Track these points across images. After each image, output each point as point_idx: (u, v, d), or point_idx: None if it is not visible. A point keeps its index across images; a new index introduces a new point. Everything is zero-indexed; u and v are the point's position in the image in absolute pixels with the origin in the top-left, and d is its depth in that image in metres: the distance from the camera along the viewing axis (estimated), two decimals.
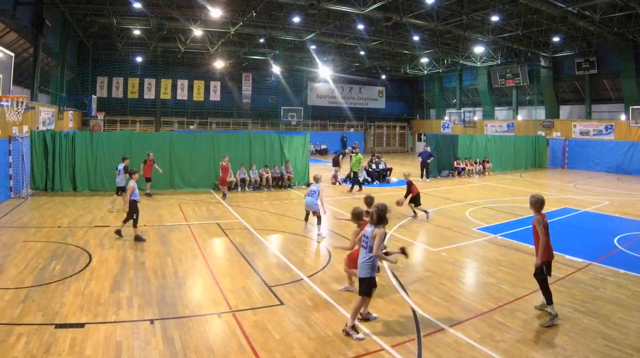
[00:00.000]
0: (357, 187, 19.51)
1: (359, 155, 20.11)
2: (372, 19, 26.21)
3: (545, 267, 6.68)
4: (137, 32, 29.38)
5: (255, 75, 41.80)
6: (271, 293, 7.62)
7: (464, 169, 25.49)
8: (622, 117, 29.81)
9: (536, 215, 6.81)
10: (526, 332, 6.34)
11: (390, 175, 23.28)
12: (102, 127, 34.25)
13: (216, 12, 22.32)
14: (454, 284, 8.30)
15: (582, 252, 10.19)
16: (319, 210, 11.48)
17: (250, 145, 19.72)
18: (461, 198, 17.96)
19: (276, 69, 39.18)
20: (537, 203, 6.88)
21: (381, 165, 23.46)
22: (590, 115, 32.48)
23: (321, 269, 8.93)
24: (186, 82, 38.88)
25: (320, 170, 21.49)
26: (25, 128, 16.91)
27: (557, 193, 20.07)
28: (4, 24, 17.10)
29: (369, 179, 22.19)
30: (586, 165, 30.78)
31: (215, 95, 40.26)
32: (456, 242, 11.21)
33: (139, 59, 36.56)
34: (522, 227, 12.30)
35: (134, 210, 10.59)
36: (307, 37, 29.02)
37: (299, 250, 10.37)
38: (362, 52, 35.65)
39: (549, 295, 6.71)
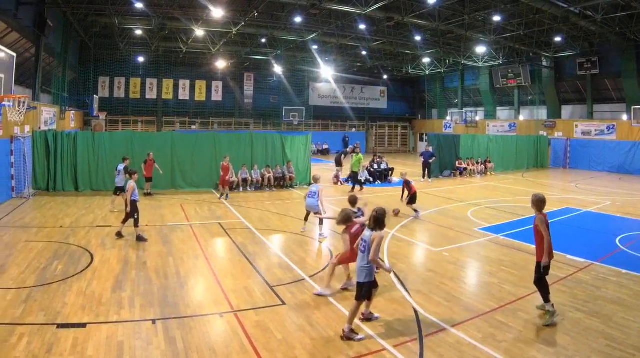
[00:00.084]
0: (358, 187, 19.50)
1: (359, 155, 20.10)
2: (374, 19, 26.18)
3: (543, 266, 6.73)
4: (139, 32, 29.37)
5: (257, 75, 41.82)
6: (273, 293, 7.63)
7: (465, 169, 25.47)
8: (624, 117, 29.74)
9: (538, 215, 6.81)
10: (528, 332, 6.34)
11: (392, 175, 23.31)
12: (104, 127, 34.24)
13: (218, 12, 22.33)
14: (456, 284, 8.29)
15: (584, 252, 10.18)
16: (321, 211, 11.48)
17: (252, 145, 19.73)
18: (463, 198, 17.94)
19: (278, 69, 39.18)
20: (539, 202, 6.88)
21: (383, 165, 23.45)
22: (592, 115, 32.41)
23: (323, 269, 8.92)
24: (188, 82, 38.88)
25: (322, 170, 21.56)
26: (27, 128, 16.91)
27: (558, 193, 20.03)
28: (6, 24, 17.12)
29: (371, 179, 22.19)
30: (588, 165, 30.73)
31: (217, 95, 40.26)
32: (458, 242, 11.21)
33: (141, 59, 36.56)
34: (524, 227, 12.29)
35: (135, 210, 10.62)
36: (309, 37, 29.00)
37: (300, 250, 10.38)
38: (363, 52, 35.60)
39: (546, 293, 6.75)
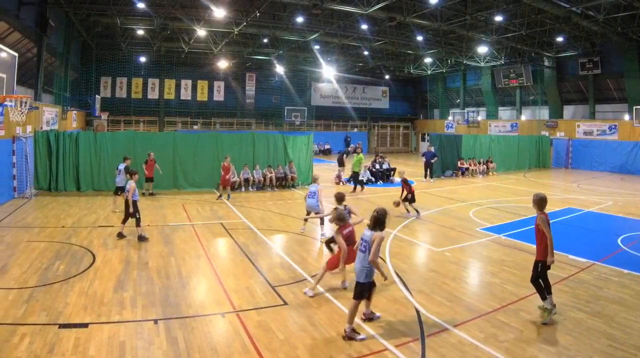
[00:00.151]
0: (359, 187, 19.50)
1: (360, 155, 20.07)
2: (376, 19, 26.18)
3: (541, 266, 6.76)
4: (140, 32, 29.39)
5: (258, 75, 41.83)
6: (275, 293, 7.63)
7: (467, 169, 25.43)
8: (626, 117, 29.66)
9: (539, 214, 6.82)
10: (530, 332, 6.33)
11: (394, 175, 23.32)
12: (106, 127, 34.31)
13: (220, 12, 22.35)
14: (458, 284, 8.28)
15: (586, 252, 10.16)
16: (321, 211, 11.46)
17: (253, 145, 19.73)
18: (465, 198, 17.92)
19: (280, 69, 39.18)
20: (541, 201, 6.88)
21: (385, 165, 23.44)
22: (594, 115, 32.35)
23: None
24: (190, 82, 38.89)
25: (323, 171, 21.62)
26: (29, 128, 16.94)
27: (560, 193, 20.00)
28: (8, 24, 17.15)
29: (373, 179, 22.19)
30: (590, 165, 30.66)
31: (218, 95, 40.27)
32: (460, 242, 11.19)
33: (143, 59, 36.58)
34: (526, 227, 12.26)
35: (136, 209, 10.64)
36: (311, 37, 28.99)
37: (302, 250, 10.37)
38: (365, 52, 35.61)
39: (542, 291, 6.78)
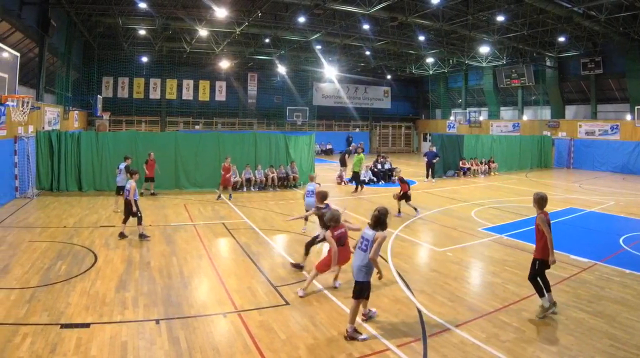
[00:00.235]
0: (360, 186, 19.46)
1: (360, 155, 20.04)
2: (378, 19, 26.17)
3: (538, 263, 6.80)
4: (142, 32, 29.44)
5: (260, 75, 41.86)
6: (277, 293, 7.63)
7: (469, 169, 25.40)
8: (628, 117, 29.62)
9: (539, 214, 6.83)
10: (531, 332, 6.32)
11: (395, 175, 23.25)
12: (108, 127, 34.32)
13: (221, 12, 22.37)
14: (460, 284, 8.27)
15: (588, 252, 10.15)
16: None
17: (255, 145, 19.73)
18: (467, 198, 17.91)
19: (282, 69, 39.21)
20: (541, 200, 6.90)
21: (387, 165, 23.42)
22: (595, 115, 32.30)
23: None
24: (192, 82, 38.94)
25: (325, 171, 21.58)
26: (30, 128, 16.95)
27: (562, 193, 19.97)
28: (10, 24, 17.19)
29: (375, 179, 22.18)
30: (592, 165, 30.60)
31: (220, 95, 40.30)
32: (462, 242, 11.18)
33: (145, 59, 36.65)
34: (528, 227, 12.22)
35: (137, 208, 10.66)
36: (313, 37, 29.00)
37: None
38: (367, 52, 35.61)
39: (540, 289, 6.82)
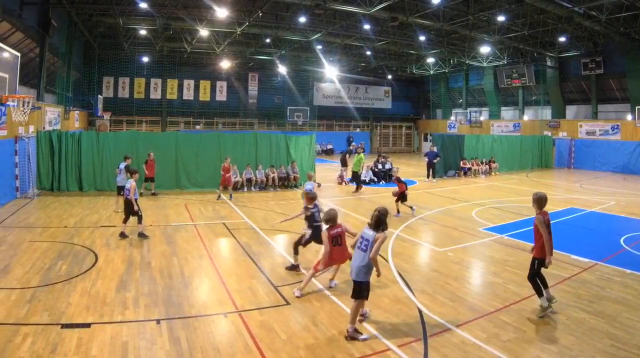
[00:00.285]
0: (360, 186, 19.47)
1: (360, 155, 20.04)
2: (378, 19, 26.17)
3: (537, 263, 6.83)
4: (143, 32, 29.45)
5: (261, 75, 41.87)
6: (277, 293, 7.63)
7: (470, 169, 25.38)
8: (629, 117, 29.61)
9: (537, 215, 6.83)
10: (532, 332, 6.32)
11: (393, 174, 23.26)
12: (108, 127, 34.32)
13: (222, 12, 22.37)
14: (460, 284, 8.27)
15: (588, 252, 10.15)
16: None
17: (256, 145, 19.73)
18: (467, 198, 17.90)
19: (282, 69, 39.22)
20: (540, 200, 6.89)
21: (387, 165, 23.42)
22: (596, 115, 32.29)
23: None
24: (192, 82, 38.95)
25: (326, 171, 21.56)
26: (31, 128, 16.96)
27: (563, 193, 19.95)
28: (10, 24, 17.19)
29: (375, 179, 22.19)
30: (592, 165, 30.59)
31: (221, 95, 40.32)
32: (462, 242, 11.18)
33: (145, 59, 36.67)
34: (529, 227, 12.08)
35: (138, 207, 10.67)
36: (313, 37, 29.01)
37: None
38: (368, 52, 35.59)
39: (539, 289, 6.84)
